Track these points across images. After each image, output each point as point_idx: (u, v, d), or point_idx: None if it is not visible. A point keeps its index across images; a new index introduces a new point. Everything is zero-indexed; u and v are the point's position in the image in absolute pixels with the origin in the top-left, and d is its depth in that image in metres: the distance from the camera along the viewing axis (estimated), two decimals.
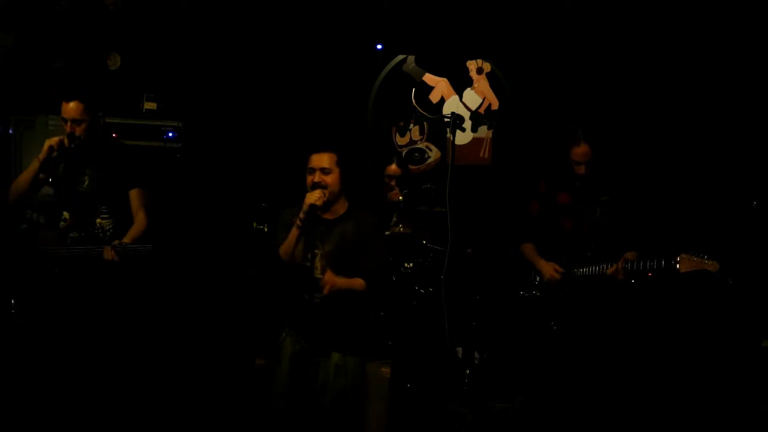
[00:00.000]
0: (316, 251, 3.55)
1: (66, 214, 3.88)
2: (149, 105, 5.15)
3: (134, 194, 3.92)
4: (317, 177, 3.54)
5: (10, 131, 5.12)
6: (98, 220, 3.86)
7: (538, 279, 4.20)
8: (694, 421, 4.25)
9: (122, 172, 3.92)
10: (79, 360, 3.91)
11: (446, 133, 4.61)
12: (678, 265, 3.70)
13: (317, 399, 3.46)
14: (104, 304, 3.85)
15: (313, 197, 3.45)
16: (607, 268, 3.92)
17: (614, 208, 4.05)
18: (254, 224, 4.84)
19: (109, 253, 3.67)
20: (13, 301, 4.52)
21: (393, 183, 4.96)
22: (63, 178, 3.80)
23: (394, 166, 5.01)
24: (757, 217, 5.07)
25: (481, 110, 5.89)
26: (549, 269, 4.11)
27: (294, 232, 3.49)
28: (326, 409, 3.45)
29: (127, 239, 3.81)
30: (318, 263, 3.54)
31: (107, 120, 4.90)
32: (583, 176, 4.03)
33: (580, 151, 4.00)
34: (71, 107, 3.81)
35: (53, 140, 3.78)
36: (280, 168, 5.53)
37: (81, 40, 5.30)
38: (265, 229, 4.84)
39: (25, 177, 3.85)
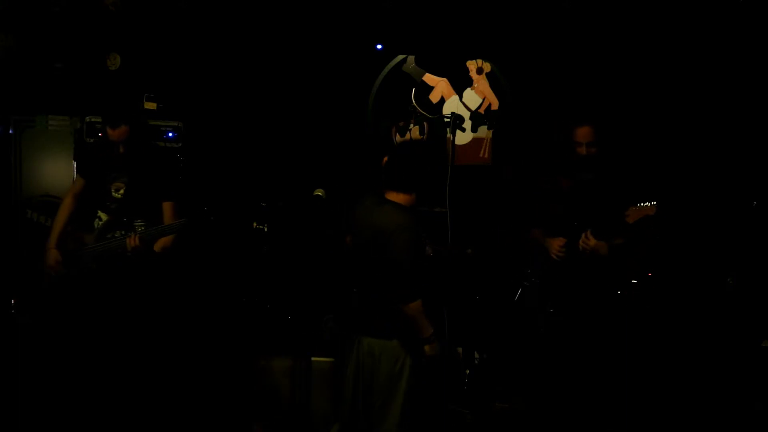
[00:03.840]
0: None
1: (102, 215, 3.99)
2: (149, 105, 5.16)
3: (167, 206, 4.03)
4: None
5: (10, 131, 5.13)
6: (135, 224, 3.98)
7: (539, 263, 4.22)
8: (694, 420, 4.25)
9: (159, 184, 4.03)
10: (85, 358, 3.95)
11: (446, 133, 4.60)
12: (627, 218, 3.80)
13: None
14: (119, 302, 3.93)
15: None
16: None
17: (608, 197, 4.06)
18: (254, 224, 4.84)
19: (133, 240, 3.80)
20: (13, 302, 4.56)
21: None
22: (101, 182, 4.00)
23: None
24: (757, 217, 5.07)
25: (481, 110, 5.89)
26: (555, 244, 4.09)
27: None
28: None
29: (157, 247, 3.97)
30: None
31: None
32: (584, 158, 4.03)
33: (583, 131, 4.03)
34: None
35: None
36: (280, 168, 5.54)
37: (81, 40, 5.31)
38: (265, 229, 4.84)
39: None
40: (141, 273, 3.94)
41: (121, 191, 3.98)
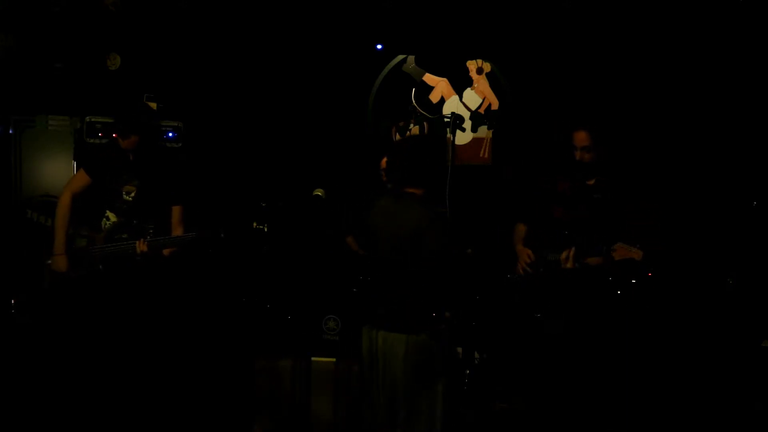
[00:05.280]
0: None
1: (111, 215, 4.00)
2: (149, 105, 5.15)
3: (176, 210, 4.08)
4: None
5: (10, 131, 5.13)
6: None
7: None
8: (694, 420, 4.25)
9: (169, 188, 4.07)
10: (88, 357, 3.96)
11: (446, 133, 4.60)
12: (614, 253, 3.81)
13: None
14: (124, 303, 3.96)
15: None
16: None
17: (601, 205, 4.06)
18: (254, 224, 4.84)
19: (141, 245, 3.87)
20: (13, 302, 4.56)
21: None
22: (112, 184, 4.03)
23: None
24: (757, 217, 5.07)
25: (481, 110, 5.89)
26: (522, 255, 4.17)
27: None
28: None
29: (166, 252, 4.02)
30: None
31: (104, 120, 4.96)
32: (580, 163, 4.05)
33: (579, 136, 4.05)
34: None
35: None
36: (280, 168, 5.54)
37: (81, 40, 5.31)
38: (265, 229, 4.85)
39: None
40: (147, 275, 3.96)
41: (132, 194, 4.00)
